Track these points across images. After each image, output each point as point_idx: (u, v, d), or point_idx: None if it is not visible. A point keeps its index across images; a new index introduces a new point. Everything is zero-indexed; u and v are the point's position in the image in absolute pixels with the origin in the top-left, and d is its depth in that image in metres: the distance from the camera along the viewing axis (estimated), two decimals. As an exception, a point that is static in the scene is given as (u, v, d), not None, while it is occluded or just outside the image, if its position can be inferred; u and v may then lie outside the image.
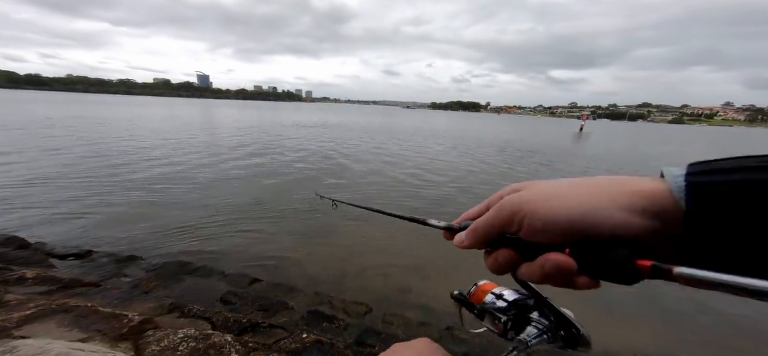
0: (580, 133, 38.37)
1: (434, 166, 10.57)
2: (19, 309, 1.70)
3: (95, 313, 1.80)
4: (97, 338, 1.52)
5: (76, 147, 10.48)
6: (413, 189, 7.55)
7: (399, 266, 3.95)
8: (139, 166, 8.28)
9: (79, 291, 2.33)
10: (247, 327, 2.36)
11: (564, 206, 0.26)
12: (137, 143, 11.98)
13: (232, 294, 2.84)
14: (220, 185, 6.95)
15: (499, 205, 0.29)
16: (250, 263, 3.72)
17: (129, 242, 4.00)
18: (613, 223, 0.24)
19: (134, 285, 2.68)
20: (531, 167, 11.11)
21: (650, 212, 0.23)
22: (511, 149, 16.70)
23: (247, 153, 11.32)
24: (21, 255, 3.13)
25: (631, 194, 0.24)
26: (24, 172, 6.95)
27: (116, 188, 6.24)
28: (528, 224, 0.27)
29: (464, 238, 0.32)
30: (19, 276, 2.39)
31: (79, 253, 3.39)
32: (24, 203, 5.14)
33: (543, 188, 0.29)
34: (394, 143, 16.87)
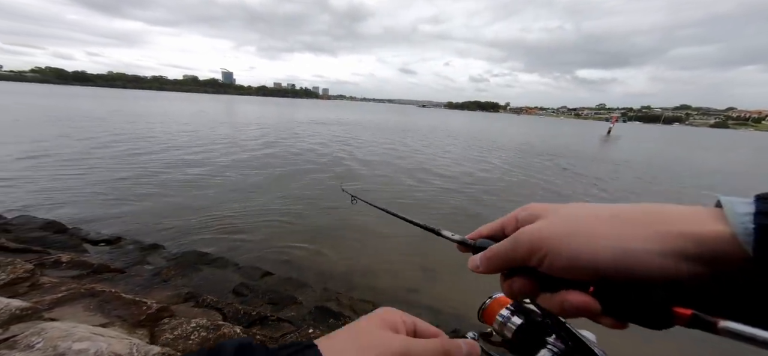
0: (607, 136, 36.63)
1: (447, 169, 10.39)
2: (51, 292, 1.86)
3: (118, 299, 1.93)
4: (117, 323, 1.64)
5: (113, 139, 11.29)
6: (423, 193, 7.47)
7: (408, 266, 3.95)
8: (168, 159, 8.78)
9: (106, 277, 2.52)
10: (256, 320, 2.45)
11: (591, 247, 0.23)
12: (167, 137, 12.71)
13: (244, 286, 2.95)
14: (240, 180, 7.23)
15: (517, 239, 0.27)
16: (262, 257, 3.85)
17: (154, 230, 4.26)
18: (652, 270, 0.21)
19: (155, 273, 2.86)
20: (550, 174, 10.47)
21: (703, 260, 0.20)
22: (532, 152, 16.08)
23: (264, 149, 11.69)
24: (58, 239, 3.42)
25: (676, 237, 0.21)
26: (66, 161, 7.58)
27: (147, 179, 6.66)
28: (549, 262, 0.24)
29: (479, 263, 0.30)
30: (55, 259, 2.62)
31: (109, 239, 3.65)
32: (64, 189, 5.61)
33: (566, 221, 0.25)
34: (408, 142, 16.78)
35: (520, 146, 18.08)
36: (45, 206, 4.78)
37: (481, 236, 0.33)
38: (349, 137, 17.09)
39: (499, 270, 0.29)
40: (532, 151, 16.43)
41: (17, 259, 2.50)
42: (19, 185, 5.67)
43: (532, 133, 32.97)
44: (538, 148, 17.98)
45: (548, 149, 17.86)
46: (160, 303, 2.04)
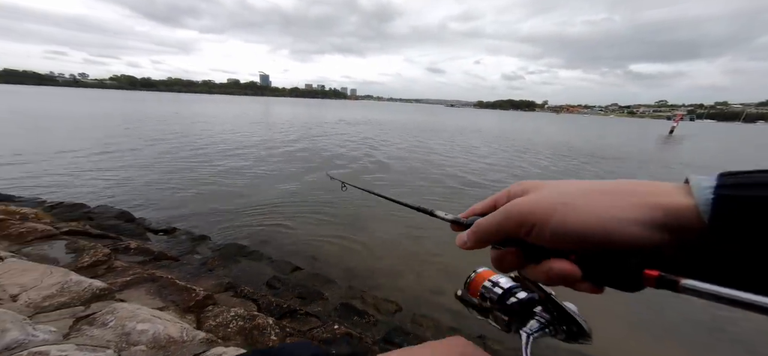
0: (669, 136, 32.40)
1: (474, 173, 10.02)
2: (122, 275, 2.20)
3: (173, 285, 2.22)
4: (171, 308, 1.90)
5: (174, 139, 12.76)
6: (449, 192, 7.31)
7: (432, 266, 3.93)
8: (217, 156, 9.71)
9: (163, 264, 2.90)
10: (286, 312, 2.64)
11: (574, 218, 0.25)
12: (218, 137, 14.04)
13: (276, 279, 3.18)
14: (275, 177, 7.74)
15: (506, 210, 0.28)
16: (293, 251, 4.09)
17: (203, 222, 4.75)
18: (626, 238, 0.23)
19: (203, 262, 3.21)
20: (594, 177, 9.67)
21: (669, 228, 0.22)
22: (571, 154, 14.80)
23: (296, 147, 12.33)
24: (128, 228, 3.99)
25: (651, 208, 0.23)
26: (137, 157, 8.76)
27: (199, 174, 7.45)
28: (536, 232, 0.26)
29: (466, 239, 0.31)
30: (126, 246, 3.07)
31: (167, 229, 4.17)
32: (135, 183, 6.49)
33: (553, 194, 0.27)
34: (436, 142, 16.45)
35: (557, 147, 16.73)
36: (118, 197, 5.60)
37: (473, 214, 0.34)
38: (374, 137, 17.26)
39: (487, 243, 0.30)
40: (572, 153, 15.13)
41: (98, 244, 2.99)
42: (101, 178, 6.70)
43: (574, 133, 30.29)
44: (580, 149, 16.50)
45: (593, 150, 16.30)
46: (206, 291, 2.30)
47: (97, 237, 3.29)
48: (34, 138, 11.09)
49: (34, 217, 3.65)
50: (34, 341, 1.10)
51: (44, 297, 1.60)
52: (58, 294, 1.64)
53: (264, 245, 4.17)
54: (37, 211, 4.10)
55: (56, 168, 7.26)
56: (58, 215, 4.18)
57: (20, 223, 3.21)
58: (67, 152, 8.91)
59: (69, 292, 1.70)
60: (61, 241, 2.96)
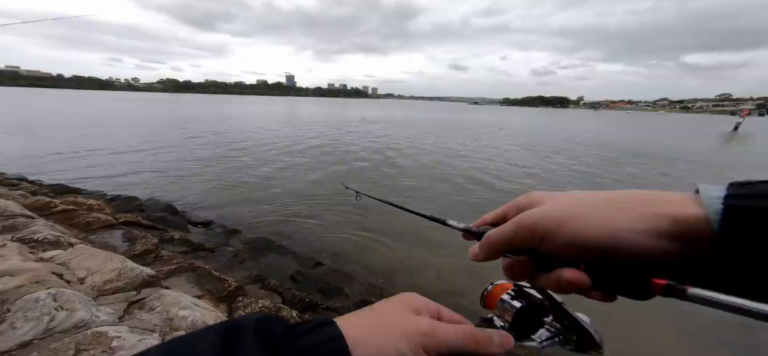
0: (733, 132, 28.63)
1: (501, 175, 9.62)
2: (167, 264, 2.47)
3: (209, 275, 2.44)
4: (207, 296, 2.09)
5: (211, 137, 13.81)
6: (470, 197, 7.11)
7: (454, 266, 3.89)
8: (250, 153, 10.36)
9: (201, 255, 3.19)
10: (308, 306, 2.78)
11: (585, 229, 0.25)
12: (248, 135, 14.95)
13: (300, 273, 3.35)
14: (300, 173, 8.09)
15: (518, 222, 0.29)
16: (316, 247, 4.26)
17: (235, 216, 5.12)
18: (635, 247, 0.23)
19: (234, 254, 3.47)
20: (642, 183, 8.76)
21: (677, 237, 0.22)
22: (616, 153, 13.60)
23: (320, 146, 12.73)
24: (173, 220, 4.42)
25: (658, 218, 0.23)
26: (179, 154, 9.62)
27: (232, 170, 8.01)
28: (547, 242, 0.27)
29: (478, 251, 0.31)
30: (170, 236, 3.42)
31: (204, 222, 4.56)
32: (179, 178, 7.15)
33: (563, 205, 0.28)
34: (458, 141, 16.01)
35: (597, 147, 15.47)
36: (165, 191, 6.20)
37: (484, 224, 0.34)
38: (393, 136, 17.21)
39: (498, 254, 0.30)
40: (615, 153, 13.91)
41: (148, 234, 3.36)
42: (151, 173, 7.47)
43: (616, 130, 27.81)
44: (625, 148, 15.10)
45: (641, 149, 14.82)
46: (237, 282, 2.50)
47: (147, 228, 3.70)
48: (100, 135, 12.62)
49: (97, 208, 4.18)
50: (96, 321, 1.30)
51: (105, 281, 1.86)
52: (115, 279, 1.89)
53: (289, 240, 4.39)
54: (100, 202, 4.69)
55: (115, 163, 8.21)
56: (117, 207, 4.74)
57: (87, 213, 3.70)
58: (124, 150, 10.04)
59: (125, 277, 1.95)
60: (119, 230, 3.37)
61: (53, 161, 8.20)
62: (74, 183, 6.25)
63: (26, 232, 2.57)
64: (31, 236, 2.46)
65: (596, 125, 33.09)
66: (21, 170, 6.97)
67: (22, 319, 1.20)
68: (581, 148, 14.70)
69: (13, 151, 9.05)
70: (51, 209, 3.67)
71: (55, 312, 1.27)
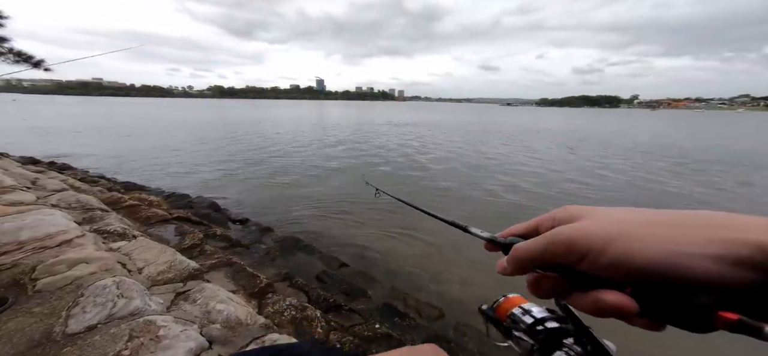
0: None
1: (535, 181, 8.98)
2: (210, 258, 2.74)
3: (244, 271, 2.66)
4: (241, 292, 2.29)
5: (251, 139, 14.94)
6: (506, 207, 6.75)
7: (480, 275, 3.75)
8: (281, 154, 11.02)
9: (238, 251, 3.48)
10: (332, 306, 2.89)
11: (638, 250, 0.22)
12: (283, 137, 15.89)
13: (325, 273, 3.49)
14: (330, 174, 8.39)
15: (553, 237, 0.26)
16: (341, 248, 4.39)
17: (269, 215, 5.48)
18: (703, 275, 0.20)
19: (267, 251, 3.73)
20: (725, 197, 7.25)
21: (761, 268, 0.20)
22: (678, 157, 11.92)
23: (349, 148, 13.04)
24: (217, 216, 4.87)
25: (737, 244, 0.20)
26: (224, 155, 10.55)
27: (268, 171, 8.59)
28: (589, 262, 0.24)
29: (506, 265, 0.29)
30: (213, 232, 3.78)
31: (242, 220, 4.95)
32: (223, 177, 7.86)
33: (611, 222, 0.24)
34: (491, 145, 15.26)
35: (655, 151, 13.70)
36: (210, 189, 6.86)
37: (512, 235, 0.31)
38: (419, 139, 16.98)
39: (529, 269, 0.28)
40: (678, 157, 12.21)
41: (195, 229, 3.75)
42: (199, 172, 8.31)
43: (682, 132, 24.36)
44: (691, 153, 13.17)
45: (712, 154, 12.80)
46: (268, 279, 2.69)
47: (195, 224, 4.13)
48: (161, 138, 14.38)
49: (156, 204, 4.77)
50: (148, 310, 1.51)
51: (158, 272, 2.13)
52: (166, 271, 2.15)
53: (316, 239, 4.59)
54: (159, 199, 5.34)
55: (171, 163, 9.28)
56: (171, 203, 5.37)
57: (148, 208, 4.25)
58: (179, 151, 11.30)
59: (175, 270, 2.21)
60: (172, 225, 3.82)
61: (124, 161, 9.53)
62: (140, 181, 7.19)
63: (101, 224, 3.03)
64: (105, 228, 2.90)
65: (655, 127, 29.27)
66: (101, 169, 8.22)
67: (92, 304, 1.44)
68: (636, 152, 13.16)
69: (93, 152, 10.70)
70: (121, 204, 4.27)
71: (117, 300, 1.50)
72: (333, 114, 42.97)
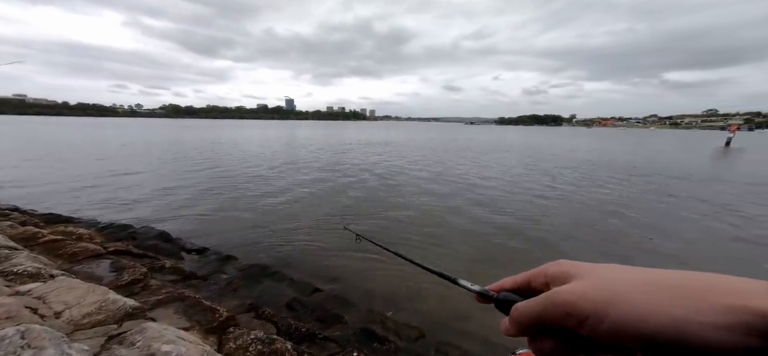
0: (726, 147, 29.36)
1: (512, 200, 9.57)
2: (155, 293, 2.32)
3: (198, 304, 2.29)
4: (196, 328, 1.94)
5: (209, 163, 13.81)
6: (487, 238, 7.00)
7: (456, 292, 3.67)
8: (245, 179, 10.28)
9: (192, 283, 3.03)
10: (305, 336, 2.60)
11: (639, 317, 0.22)
12: (246, 161, 14.98)
13: (296, 301, 3.18)
14: (300, 199, 7.97)
15: (550, 300, 0.26)
16: (313, 272, 4.08)
17: (231, 243, 4.95)
18: (712, 342, 0.20)
19: (228, 282, 3.31)
20: (648, 204, 7.99)
21: (763, 334, 0.20)
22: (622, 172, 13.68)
23: (319, 172, 12.71)
24: (166, 247, 4.26)
25: (745, 313, 0.20)
26: (176, 180, 9.53)
27: (229, 196, 7.89)
28: (590, 327, 0.23)
29: (509, 326, 0.29)
30: (161, 265, 3.27)
31: (198, 249, 4.40)
32: (174, 205, 7.02)
33: (606, 283, 0.24)
34: (460, 164, 16.11)
35: (608, 166, 15.61)
36: (160, 218, 6.05)
37: (503, 289, 0.31)
38: (392, 160, 17.34)
39: (530, 331, 0.28)
40: (622, 172, 14.01)
41: (137, 263, 3.21)
42: (146, 199, 7.34)
43: (616, 148, 28.27)
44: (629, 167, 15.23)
45: (644, 168, 14.90)
46: (229, 312, 2.35)
47: (137, 257, 3.55)
48: (98, 162, 12.59)
49: (87, 237, 4.05)
50: (67, 360, 1.17)
51: (84, 315, 1.72)
52: (96, 312, 1.75)
53: (286, 266, 4.22)
54: (91, 232, 4.55)
55: (111, 191, 8.10)
56: (108, 236, 4.59)
57: (75, 243, 3.57)
58: (120, 177, 9.96)
59: (106, 310, 1.81)
60: (106, 260, 3.23)
61: (50, 189, 8.09)
62: (70, 212, 6.11)
63: (6, 265, 2.43)
64: (11, 269, 2.33)
65: (594, 144, 33.51)
66: (17, 200, 6.84)
67: (-18, 360, 1.08)
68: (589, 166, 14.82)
69: (12, 180, 8.96)
70: (38, 240, 3.54)
71: (21, 351, 1.14)
72: (304, 135, 41.90)
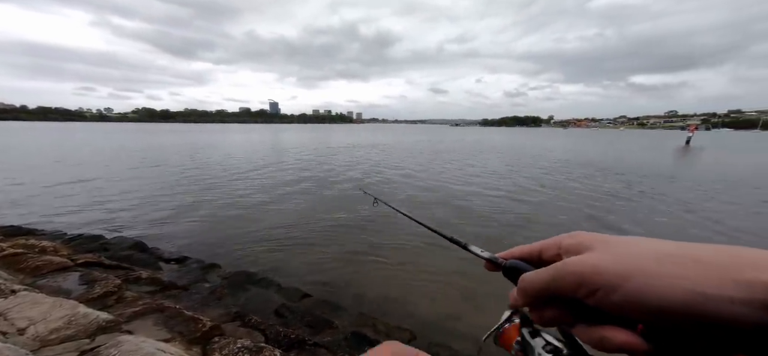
0: (687, 146, 31.67)
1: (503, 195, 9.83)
2: (131, 306, 2.18)
3: (180, 315, 2.17)
4: (177, 339, 1.83)
5: (187, 169, 13.20)
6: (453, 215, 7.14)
7: (447, 290, 3.75)
8: (227, 185, 9.91)
9: (172, 294, 2.87)
10: (294, 343, 2.52)
11: (654, 289, 0.21)
12: (228, 166, 14.45)
13: (285, 307, 3.08)
14: (284, 202, 7.79)
15: (562, 269, 0.25)
16: (302, 277, 3.99)
17: (214, 250, 4.74)
18: (729, 316, 0.19)
19: (211, 290, 3.16)
20: (621, 200, 8.42)
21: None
22: (594, 169, 14.41)
23: (304, 174, 12.51)
24: (141, 257, 4.02)
25: (755, 286, 0.19)
26: (151, 187, 9.04)
27: (210, 203, 7.56)
28: (600, 298, 0.23)
29: (517, 297, 0.29)
30: (137, 276, 3.07)
31: (178, 258, 4.17)
32: (150, 213, 6.64)
33: (625, 257, 0.23)
34: (453, 166, 16.38)
35: (583, 165, 16.40)
36: (134, 227, 5.71)
37: (513, 257, 0.31)
38: (382, 163, 17.39)
39: (538, 300, 0.27)
40: (594, 170, 14.75)
41: (110, 275, 3.00)
42: (118, 209, 6.90)
43: (589, 148, 29.80)
44: (600, 165, 16.09)
45: (612, 166, 15.82)
46: (213, 321, 2.24)
47: (110, 268, 3.32)
48: (61, 170, 11.72)
49: (52, 250, 3.74)
50: (33, 378, 1.06)
51: (51, 331, 1.58)
52: (64, 328, 1.62)
53: (273, 271, 4.10)
54: (56, 244, 4.21)
55: (78, 200, 7.54)
56: (76, 247, 4.27)
57: (38, 256, 3.28)
58: (88, 185, 9.31)
59: (76, 325, 1.67)
60: (75, 273, 2.99)
61: (9, 200, 7.42)
62: (31, 224, 5.62)
63: (-42, 281, 2.20)
64: (-36, 285, 2.11)
65: (570, 143, 35.15)
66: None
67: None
68: (563, 165, 15.48)
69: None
70: (-5, 254, 3.23)
71: (-22, 372, 1.02)
72: (289, 138, 40.81)
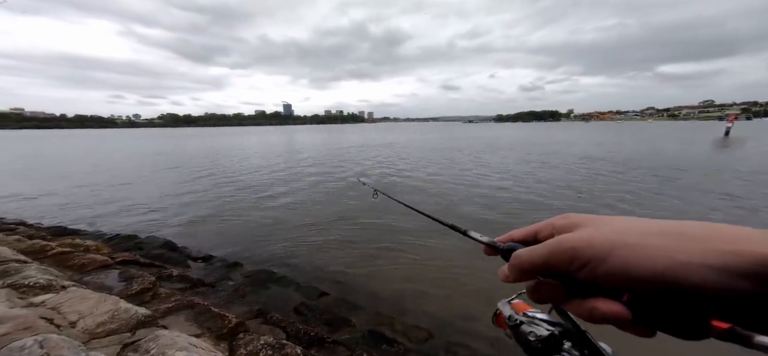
0: (725, 137, 29.16)
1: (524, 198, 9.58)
2: (165, 302, 2.35)
3: (208, 311, 2.31)
4: (206, 335, 1.96)
5: (211, 171, 13.87)
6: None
7: (462, 288, 3.74)
8: (247, 186, 10.33)
9: (200, 291, 3.05)
10: (314, 341, 2.61)
11: (638, 260, 0.22)
12: (247, 166, 15.04)
13: (304, 305, 3.19)
14: (301, 201, 8.01)
15: (556, 245, 0.26)
16: (319, 276, 4.10)
17: (237, 249, 4.97)
18: (702, 285, 0.21)
19: (235, 288, 3.32)
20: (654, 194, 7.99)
21: (758, 279, 0.20)
22: (621, 165, 13.65)
23: (320, 174, 12.75)
24: (172, 256, 4.29)
25: (737, 256, 0.20)
26: (180, 189, 9.58)
27: (233, 203, 7.93)
28: (590, 270, 0.24)
29: (508, 273, 0.30)
30: (169, 273, 3.29)
31: (204, 257, 4.42)
32: (178, 213, 7.06)
33: (612, 231, 0.25)
34: (467, 164, 16.11)
35: (609, 160, 15.61)
36: (164, 227, 6.09)
37: (511, 240, 0.32)
38: (396, 163, 17.38)
39: (530, 276, 0.28)
40: (621, 165, 14.00)
41: (145, 272, 3.24)
42: (150, 210, 7.39)
43: (614, 141, 28.20)
44: (630, 160, 15.19)
45: (643, 160, 14.86)
46: (238, 318, 2.37)
47: (145, 266, 3.58)
48: (100, 174, 12.68)
49: (94, 249, 4.08)
50: (87, 367, 1.19)
51: (98, 324, 1.74)
52: (109, 321, 1.78)
53: (292, 270, 4.25)
54: (98, 243, 4.58)
55: (115, 202, 8.15)
56: (115, 246, 4.63)
57: (83, 254, 3.60)
58: (123, 188, 10.02)
59: (118, 319, 1.84)
60: (115, 270, 3.26)
61: (55, 203, 8.15)
62: (75, 224, 6.15)
63: (17, 277, 2.46)
64: (22, 282, 2.36)
65: (594, 137, 33.42)
66: (22, 214, 6.90)
67: (5, 370, 1.10)
68: (579, 160, 14.81)
69: (16, 194, 9.03)
70: (46, 253, 3.57)
71: (41, 361, 1.17)
72: (303, 139, 41.88)
